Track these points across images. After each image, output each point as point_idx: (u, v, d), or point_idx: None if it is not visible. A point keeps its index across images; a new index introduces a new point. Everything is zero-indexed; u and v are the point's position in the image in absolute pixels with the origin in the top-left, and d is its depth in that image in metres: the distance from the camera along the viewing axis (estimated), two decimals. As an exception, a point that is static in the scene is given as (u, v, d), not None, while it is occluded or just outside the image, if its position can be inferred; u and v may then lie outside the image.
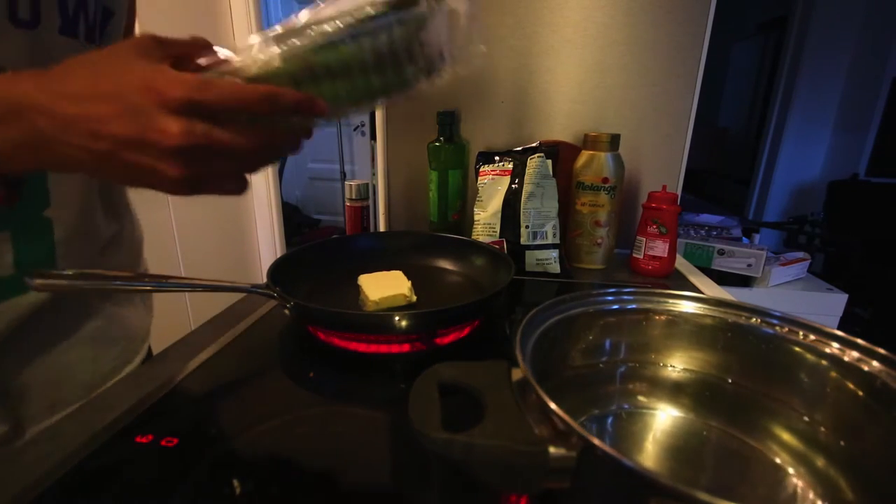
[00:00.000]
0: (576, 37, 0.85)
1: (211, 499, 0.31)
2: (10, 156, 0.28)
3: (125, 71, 0.28)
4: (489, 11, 0.86)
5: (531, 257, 0.74)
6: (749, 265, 1.38)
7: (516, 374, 0.25)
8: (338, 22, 0.33)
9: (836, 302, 1.42)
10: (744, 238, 1.61)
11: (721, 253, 1.39)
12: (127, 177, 0.30)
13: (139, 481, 0.32)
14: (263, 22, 1.69)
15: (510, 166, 0.76)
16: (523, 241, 0.74)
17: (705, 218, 1.63)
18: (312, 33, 0.33)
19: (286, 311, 0.51)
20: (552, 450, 0.21)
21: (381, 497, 0.32)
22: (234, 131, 0.29)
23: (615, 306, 0.36)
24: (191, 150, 0.28)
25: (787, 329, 0.33)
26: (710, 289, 0.73)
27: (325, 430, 0.38)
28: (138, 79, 0.27)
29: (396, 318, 0.46)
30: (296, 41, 0.33)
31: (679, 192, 0.88)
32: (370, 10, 0.33)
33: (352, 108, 0.37)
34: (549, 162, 0.75)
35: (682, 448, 0.33)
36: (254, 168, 0.33)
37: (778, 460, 0.31)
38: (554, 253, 0.74)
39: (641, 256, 0.78)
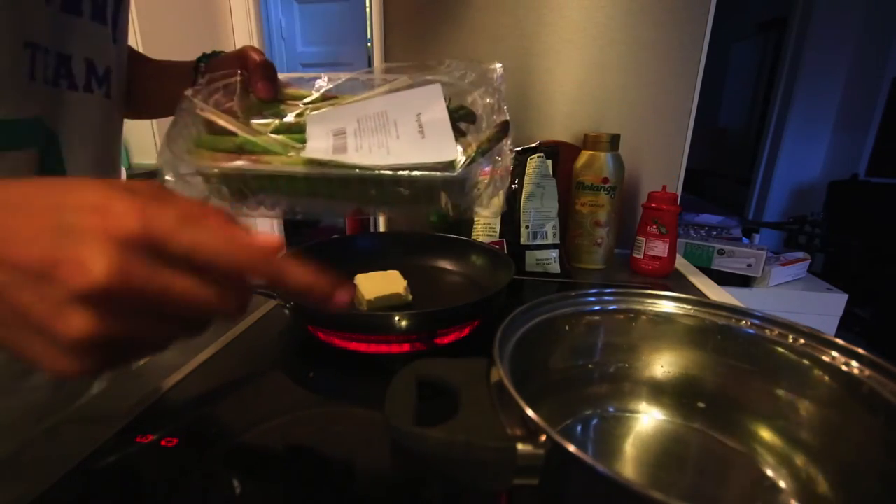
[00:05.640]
0: (576, 37, 0.85)
1: (211, 499, 0.31)
2: None
3: (76, 187, 0.19)
4: (489, 11, 0.86)
5: (531, 257, 0.74)
6: (749, 265, 1.38)
7: (495, 374, 0.25)
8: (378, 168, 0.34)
9: (836, 302, 1.42)
10: (744, 238, 1.61)
11: (721, 253, 1.39)
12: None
13: (139, 481, 0.32)
14: (263, 22, 1.69)
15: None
16: (523, 241, 0.74)
17: (705, 218, 1.63)
18: (349, 160, 0.35)
19: (286, 311, 0.51)
20: (520, 447, 0.21)
21: (380, 497, 0.32)
22: (185, 284, 0.20)
23: (596, 307, 0.36)
24: (125, 296, 0.18)
25: (767, 329, 0.33)
26: (710, 289, 0.73)
27: (325, 430, 0.38)
28: (88, 195, 0.19)
29: (396, 318, 0.46)
30: (330, 158, 0.35)
31: (679, 192, 0.88)
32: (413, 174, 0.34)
33: (363, 209, 0.41)
34: (549, 162, 0.75)
35: (660, 449, 0.34)
36: (198, 329, 0.22)
37: (758, 462, 0.31)
38: (554, 253, 0.74)
39: (641, 256, 0.78)
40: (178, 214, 0.19)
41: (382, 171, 0.34)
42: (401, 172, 0.34)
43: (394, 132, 0.36)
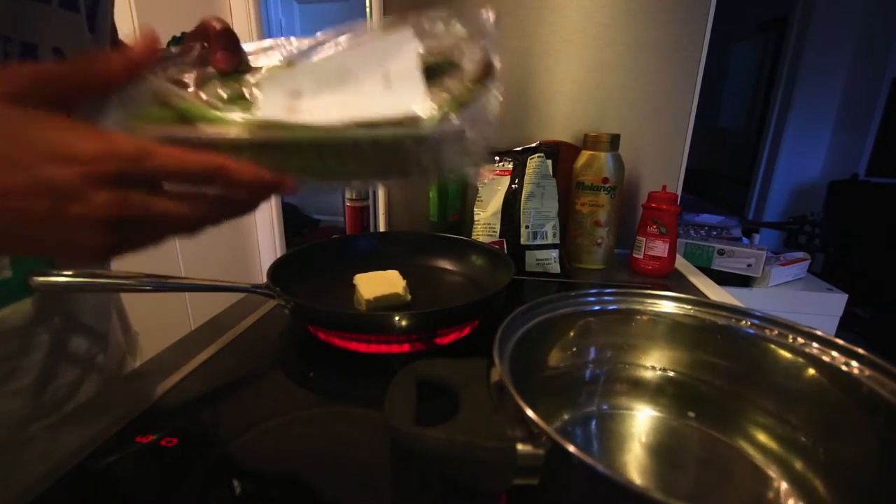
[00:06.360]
0: (576, 37, 0.85)
1: (210, 499, 0.31)
2: None
3: (21, 132, 0.23)
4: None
5: (531, 257, 0.74)
6: (749, 265, 1.38)
7: (495, 374, 0.25)
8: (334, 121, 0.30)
9: (836, 302, 1.42)
10: (744, 238, 1.61)
11: (721, 253, 1.39)
12: (31, 249, 0.25)
13: (139, 481, 0.32)
14: (263, 22, 1.69)
15: (510, 166, 0.76)
16: (523, 241, 0.74)
17: (705, 218, 1.63)
18: (301, 121, 0.30)
19: (286, 311, 0.51)
20: (520, 447, 0.21)
21: (380, 497, 0.32)
22: (174, 199, 0.26)
23: (596, 307, 0.36)
24: (120, 221, 0.24)
25: (767, 329, 0.33)
26: (710, 289, 0.73)
27: (325, 430, 0.38)
28: (46, 146, 0.22)
29: (396, 318, 0.46)
30: (282, 119, 0.30)
31: (679, 192, 0.88)
32: (373, 130, 0.30)
33: (324, 185, 0.34)
34: (549, 162, 0.75)
35: (661, 449, 0.34)
36: (193, 230, 0.28)
37: (756, 462, 0.31)
38: (554, 253, 0.74)
39: (641, 256, 0.78)
40: (135, 146, 0.24)
41: (335, 129, 0.30)
42: (360, 131, 0.30)
43: (355, 87, 0.32)
